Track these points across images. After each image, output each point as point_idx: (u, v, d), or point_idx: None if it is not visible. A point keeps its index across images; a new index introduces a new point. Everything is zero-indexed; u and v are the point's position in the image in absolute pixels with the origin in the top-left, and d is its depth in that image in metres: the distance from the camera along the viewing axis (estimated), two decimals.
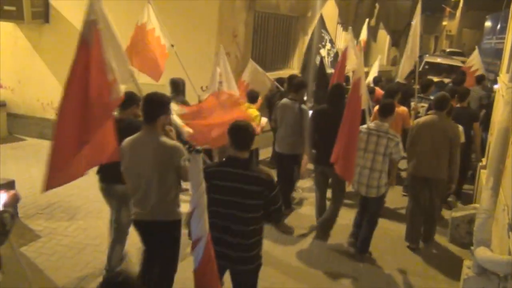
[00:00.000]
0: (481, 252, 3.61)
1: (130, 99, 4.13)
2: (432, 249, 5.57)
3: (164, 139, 3.52)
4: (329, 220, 5.50)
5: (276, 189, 3.27)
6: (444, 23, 35.45)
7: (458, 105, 6.61)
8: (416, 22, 7.05)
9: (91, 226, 5.36)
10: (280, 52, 9.69)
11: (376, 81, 9.06)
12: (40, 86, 8.47)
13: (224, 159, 3.43)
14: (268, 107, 7.46)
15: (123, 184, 3.70)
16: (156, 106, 3.54)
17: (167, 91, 7.72)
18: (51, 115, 8.55)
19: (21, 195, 5.66)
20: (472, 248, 3.92)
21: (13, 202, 3.94)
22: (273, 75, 8.93)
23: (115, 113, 3.97)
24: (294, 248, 5.27)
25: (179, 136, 4.47)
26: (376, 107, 5.96)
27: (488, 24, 18.95)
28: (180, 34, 7.57)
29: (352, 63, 6.72)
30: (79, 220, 5.50)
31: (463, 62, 20.01)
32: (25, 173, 6.81)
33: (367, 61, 14.10)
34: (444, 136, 5.23)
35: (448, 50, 30.16)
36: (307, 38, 10.17)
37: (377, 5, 10.50)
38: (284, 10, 9.23)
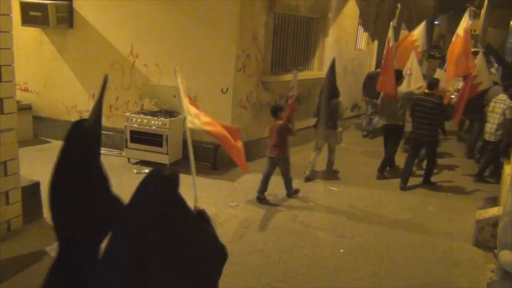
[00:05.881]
0: (505, 256, 3.55)
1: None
2: (456, 253, 5.50)
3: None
4: None
5: (444, 106, 7.23)
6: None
7: None
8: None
9: None
10: (301, 54, 9.66)
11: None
12: (65, 90, 8.65)
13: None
14: None
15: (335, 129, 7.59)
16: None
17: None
18: (75, 118, 8.73)
19: (46, 196, 5.83)
20: (496, 251, 3.86)
21: None
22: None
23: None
24: None
25: None
26: None
27: None
28: (201, 37, 7.64)
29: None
30: None
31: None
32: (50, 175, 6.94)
33: None
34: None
35: (472, 50, 29.39)
36: (327, 39, 10.14)
37: (398, 5, 10.39)
38: (304, 11, 9.20)
